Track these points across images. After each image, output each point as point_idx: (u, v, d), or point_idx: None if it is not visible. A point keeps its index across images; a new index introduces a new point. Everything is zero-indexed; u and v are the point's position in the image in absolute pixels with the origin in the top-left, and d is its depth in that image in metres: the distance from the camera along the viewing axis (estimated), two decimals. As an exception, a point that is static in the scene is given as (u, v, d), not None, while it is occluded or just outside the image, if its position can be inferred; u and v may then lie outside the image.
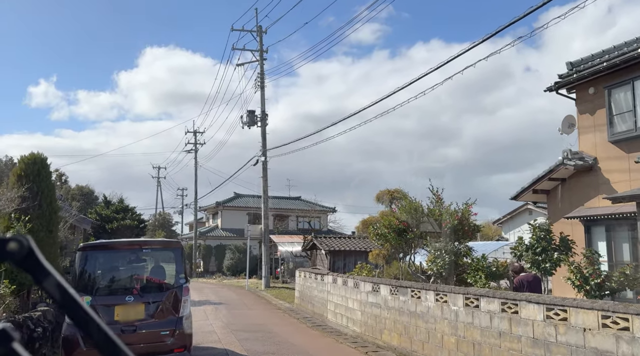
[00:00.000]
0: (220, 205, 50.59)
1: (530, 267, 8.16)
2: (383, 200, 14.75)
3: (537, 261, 7.91)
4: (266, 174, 29.09)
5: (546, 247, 7.94)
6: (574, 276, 7.35)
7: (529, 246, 8.23)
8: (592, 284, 7.18)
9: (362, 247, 22.69)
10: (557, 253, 7.89)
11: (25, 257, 0.63)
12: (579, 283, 7.36)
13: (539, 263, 7.88)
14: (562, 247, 8.10)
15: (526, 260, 8.17)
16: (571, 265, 7.49)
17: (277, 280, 33.07)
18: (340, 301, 13.81)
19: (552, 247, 8.03)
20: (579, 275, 7.35)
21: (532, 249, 8.09)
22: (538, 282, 8.93)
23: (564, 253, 8.02)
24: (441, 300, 9.14)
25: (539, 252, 7.96)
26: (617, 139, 13.93)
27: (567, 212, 15.21)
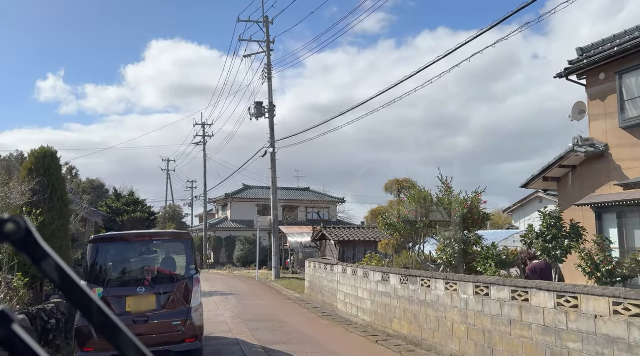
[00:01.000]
0: (230, 197, 50.81)
1: (540, 254, 8.11)
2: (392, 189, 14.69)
3: (547, 248, 7.86)
4: (275, 165, 29.12)
5: (556, 235, 7.88)
6: (585, 263, 7.30)
7: (539, 233, 8.17)
8: (604, 271, 7.12)
9: (371, 237, 22.72)
10: (567, 241, 7.84)
11: (23, 238, 0.62)
12: (590, 270, 7.31)
13: (550, 251, 7.83)
14: (573, 234, 8.03)
15: (537, 247, 8.12)
16: (582, 252, 7.43)
17: (287, 270, 33.23)
18: (350, 291, 13.85)
19: (562, 234, 7.97)
20: (590, 262, 7.29)
21: (543, 237, 8.03)
22: (549, 270, 8.90)
23: (574, 240, 7.96)
24: (451, 289, 9.14)
25: (549, 239, 7.90)
26: (629, 125, 13.76)
27: (578, 199, 15.10)
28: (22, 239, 0.62)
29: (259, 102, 29.07)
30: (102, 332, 0.66)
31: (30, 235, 0.62)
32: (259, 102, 29.07)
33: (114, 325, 0.66)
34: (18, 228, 0.61)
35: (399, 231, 11.91)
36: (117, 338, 0.66)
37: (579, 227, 8.27)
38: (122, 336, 0.66)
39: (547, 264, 8.81)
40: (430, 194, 11.48)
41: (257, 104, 29.02)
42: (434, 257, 14.12)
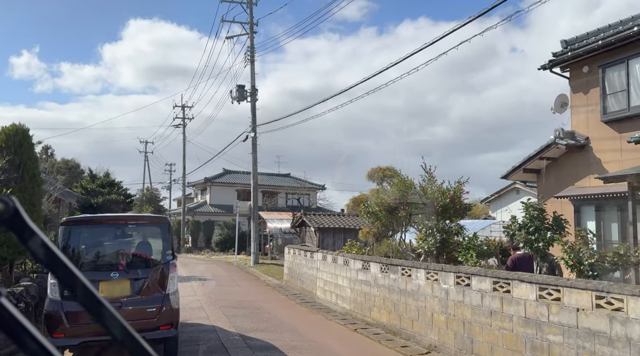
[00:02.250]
0: (209, 181, 50.27)
1: (523, 246, 8.08)
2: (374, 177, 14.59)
3: (530, 240, 7.82)
4: (256, 150, 28.78)
5: (539, 226, 7.85)
6: (568, 256, 7.29)
7: (522, 225, 8.13)
8: (586, 264, 7.11)
9: (351, 224, 22.67)
10: (550, 233, 7.81)
11: (11, 217, 0.63)
12: (572, 263, 7.30)
13: (532, 243, 7.80)
14: (556, 227, 8.02)
15: (519, 239, 8.08)
16: (565, 245, 7.41)
17: (265, 256, 33.07)
18: (329, 278, 13.76)
19: (545, 226, 7.94)
20: (572, 255, 7.28)
21: (525, 228, 7.99)
22: (530, 262, 8.87)
23: (557, 232, 7.94)
24: (432, 279, 9.08)
25: (532, 231, 7.86)
26: (610, 119, 13.86)
27: (557, 192, 15.23)
28: (10, 218, 0.62)
29: (240, 85, 28.59)
30: (87, 310, 0.67)
31: (18, 214, 0.62)
32: (240, 85, 28.59)
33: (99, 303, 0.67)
34: (6, 208, 0.62)
35: (381, 219, 11.81)
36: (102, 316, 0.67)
37: (562, 219, 8.25)
38: (108, 314, 0.68)
39: (529, 256, 8.80)
40: (413, 183, 11.39)
41: (239, 87, 28.55)
42: (415, 246, 14.11)
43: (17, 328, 0.60)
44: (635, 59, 13.26)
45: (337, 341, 9.52)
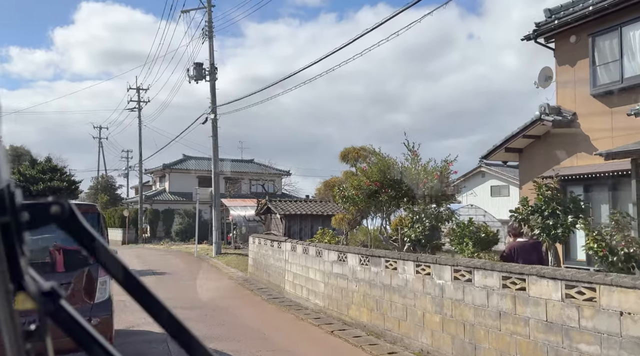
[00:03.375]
0: (168, 168, 47.87)
1: (539, 233, 6.81)
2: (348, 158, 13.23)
3: (547, 226, 6.57)
4: (216, 133, 26.89)
5: (555, 209, 6.60)
6: (598, 245, 6.03)
7: (535, 208, 6.86)
8: (621, 254, 5.91)
9: (321, 210, 21.24)
10: (570, 217, 6.58)
11: (68, 220, 0.64)
12: (603, 253, 6.07)
13: (550, 229, 6.55)
14: (574, 209, 6.80)
15: (534, 225, 6.83)
16: (592, 231, 6.14)
17: (229, 245, 31.37)
18: (300, 271, 12.30)
19: (563, 209, 6.69)
20: (604, 244, 6.05)
21: (540, 212, 6.72)
22: (536, 251, 7.61)
23: (579, 216, 6.71)
24: (423, 272, 7.73)
25: (547, 215, 6.61)
26: (600, 92, 12.81)
27: (541, 172, 14.16)
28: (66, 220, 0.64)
29: (198, 63, 26.53)
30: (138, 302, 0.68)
31: (73, 216, 0.64)
32: (198, 63, 26.53)
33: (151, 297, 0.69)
34: (62, 210, 0.63)
35: (358, 204, 10.42)
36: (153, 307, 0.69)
37: (580, 199, 7.01)
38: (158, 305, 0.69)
39: (535, 243, 7.55)
40: (395, 162, 10.02)
41: (197, 65, 26.48)
42: (389, 233, 12.81)
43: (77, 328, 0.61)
44: (629, 25, 12.20)
45: (312, 349, 8.09)
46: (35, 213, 0.62)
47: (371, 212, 10.97)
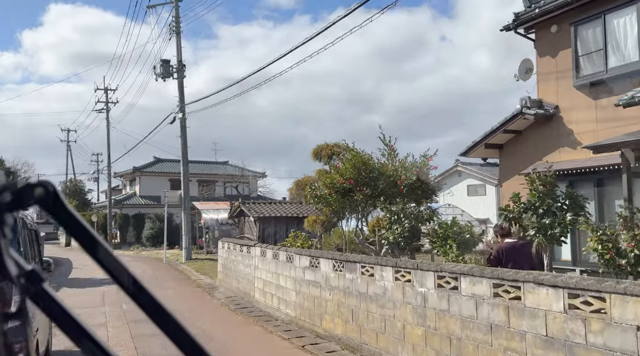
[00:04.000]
0: (138, 171, 46.33)
1: (535, 233, 6.05)
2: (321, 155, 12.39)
3: (543, 226, 5.81)
4: (185, 133, 25.75)
5: (550, 206, 5.85)
6: (603, 246, 5.26)
7: (528, 205, 6.09)
8: (631, 257, 5.16)
9: (295, 212, 20.35)
10: (569, 214, 5.84)
11: (51, 202, 0.63)
12: (609, 255, 5.33)
13: (547, 229, 5.80)
14: (572, 206, 6.06)
15: (529, 224, 6.07)
16: (596, 230, 5.37)
17: (201, 250, 30.22)
18: (270, 278, 11.38)
19: (559, 205, 5.95)
20: (610, 245, 5.31)
21: (533, 209, 5.95)
22: (525, 254, 6.86)
23: (579, 214, 5.97)
24: (403, 279, 6.91)
25: (542, 213, 5.86)
26: (583, 84, 12.23)
27: (522, 168, 13.55)
28: (51, 202, 0.63)
29: (165, 60, 25.37)
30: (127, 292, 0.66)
31: (57, 199, 0.63)
32: (165, 60, 25.37)
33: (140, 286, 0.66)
34: (47, 193, 0.63)
35: (331, 204, 9.56)
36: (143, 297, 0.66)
37: (579, 195, 6.28)
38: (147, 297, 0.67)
39: (525, 244, 6.81)
40: (371, 157, 9.19)
41: (164, 62, 25.32)
42: (366, 235, 12.01)
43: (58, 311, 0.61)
44: (613, 12, 11.64)
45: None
46: (18, 195, 0.62)
47: (346, 213, 10.14)
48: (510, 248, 6.94)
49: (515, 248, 6.92)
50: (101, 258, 0.65)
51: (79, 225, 0.64)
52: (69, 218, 0.64)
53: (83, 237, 0.64)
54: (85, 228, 0.64)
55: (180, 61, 25.57)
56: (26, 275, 0.60)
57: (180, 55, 25.66)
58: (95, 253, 0.64)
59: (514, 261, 6.81)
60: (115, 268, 0.65)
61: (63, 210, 0.63)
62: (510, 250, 6.92)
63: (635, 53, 11.20)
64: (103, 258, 0.65)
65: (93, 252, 0.64)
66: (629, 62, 11.38)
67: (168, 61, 25.53)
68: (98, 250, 0.64)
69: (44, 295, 0.60)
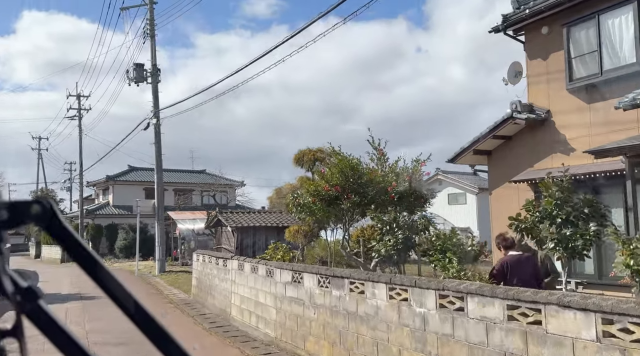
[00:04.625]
0: (112, 180, 44.80)
1: (553, 246, 5.33)
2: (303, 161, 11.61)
3: (564, 237, 5.11)
4: (159, 139, 24.69)
5: (569, 215, 5.16)
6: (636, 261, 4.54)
7: (543, 214, 5.39)
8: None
9: (275, 222, 19.47)
10: (593, 225, 5.15)
11: (49, 220, 0.62)
12: (644, 271, 4.64)
13: (567, 241, 5.10)
14: (593, 214, 5.39)
15: (547, 235, 5.36)
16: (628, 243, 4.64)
17: (176, 262, 29.03)
18: (248, 294, 10.48)
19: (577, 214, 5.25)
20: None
21: (551, 218, 5.25)
22: (532, 268, 6.17)
23: (604, 224, 5.28)
24: (398, 298, 6.12)
25: (561, 222, 5.16)
26: (577, 87, 11.73)
27: (513, 175, 13.01)
28: (48, 220, 0.62)
29: (139, 64, 24.34)
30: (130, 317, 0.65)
31: (55, 217, 0.62)
32: (139, 64, 24.34)
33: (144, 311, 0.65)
34: (44, 210, 0.62)
35: (316, 214, 8.75)
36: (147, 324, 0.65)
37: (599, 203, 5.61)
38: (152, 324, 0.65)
39: (530, 257, 6.13)
40: (360, 162, 8.42)
41: (137, 66, 24.29)
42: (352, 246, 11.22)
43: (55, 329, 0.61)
44: (607, 13, 11.17)
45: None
46: (15, 212, 0.61)
47: (331, 223, 9.35)
48: (515, 261, 6.24)
49: (521, 262, 6.22)
50: (100, 278, 0.63)
51: (76, 243, 0.64)
52: (66, 237, 0.63)
53: (81, 256, 0.64)
54: (83, 247, 0.64)
55: (154, 65, 24.58)
56: (22, 291, 0.60)
57: (155, 59, 24.69)
58: (94, 274, 0.63)
59: (519, 276, 6.13)
60: (116, 290, 0.63)
61: (60, 228, 0.63)
62: (515, 264, 6.22)
63: (632, 54, 10.73)
64: (103, 278, 0.64)
65: (92, 271, 0.63)
66: (624, 64, 10.91)
67: (142, 65, 24.51)
68: (97, 270, 0.64)
69: (41, 312, 0.60)
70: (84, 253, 0.63)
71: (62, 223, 0.62)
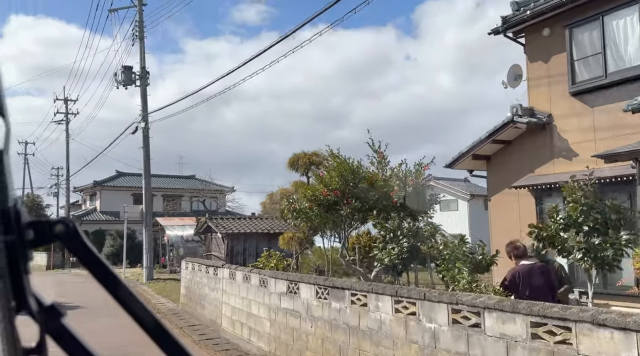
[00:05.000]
0: (99, 185, 44.03)
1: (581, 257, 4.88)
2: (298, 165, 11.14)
3: (592, 247, 4.68)
4: (148, 143, 24.09)
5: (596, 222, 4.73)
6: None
7: (568, 221, 4.95)
8: None
9: (266, 228, 18.94)
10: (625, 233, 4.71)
11: (71, 239, 0.63)
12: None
13: (597, 250, 4.67)
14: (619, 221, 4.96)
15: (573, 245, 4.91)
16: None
17: (164, 269, 28.33)
18: (240, 304, 9.95)
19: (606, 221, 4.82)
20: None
21: (577, 226, 4.82)
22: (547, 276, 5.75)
23: (636, 233, 4.86)
24: (405, 311, 5.65)
25: (589, 230, 4.73)
26: (579, 90, 11.38)
27: (512, 181, 12.62)
28: (70, 239, 0.63)
29: (127, 66, 23.76)
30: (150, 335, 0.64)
31: (77, 236, 0.63)
32: (127, 66, 23.76)
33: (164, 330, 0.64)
34: (67, 230, 0.62)
35: (312, 220, 8.26)
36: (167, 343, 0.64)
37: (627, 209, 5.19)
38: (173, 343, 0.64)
39: (543, 267, 5.71)
40: (361, 165, 7.95)
41: (126, 69, 23.70)
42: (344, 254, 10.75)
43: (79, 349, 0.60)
44: (612, 13, 10.85)
45: None
46: (40, 231, 0.62)
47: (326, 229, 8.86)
48: (527, 272, 5.81)
49: (534, 272, 5.80)
50: (122, 297, 0.63)
51: (98, 262, 0.64)
52: (88, 255, 0.64)
53: (102, 274, 0.64)
54: (105, 265, 0.64)
55: (143, 67, 24.02)
56: (46, 310, 0.60)
57: (144, 61, 24.12)
58: (115, 292, 0.63)
59: (533, 288, 5.71)
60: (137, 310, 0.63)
61: (83, 247, 0.63)
62: (528, 274, 5.79)
63: (638, 56, 10.41)
64: (124, 297, 0.63)
65: (113, 290, 0.63)
66: (630, 66, 10.59)
67: (130, 67, 23.94)
68: (119, 288, 0.63)
69: (64, 330, 0.60)
70: (106, 272, 0.63)
71: (84, 242, 0.63)
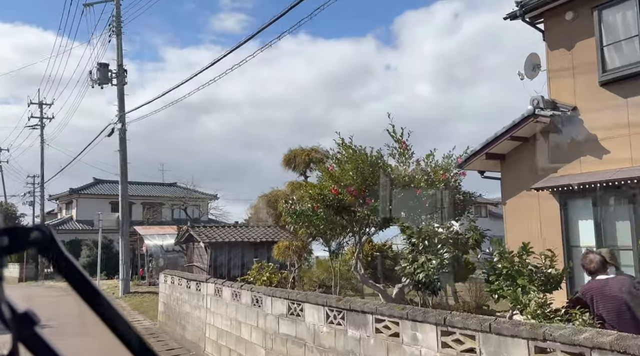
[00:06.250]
0: (76, 193, 41.96)
1: None
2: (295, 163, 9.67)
3: None
4: (124, 146, 22.36)
5: None
6: None
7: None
8: None
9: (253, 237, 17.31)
10: None
11: (48, 246, 0.62)
12: None
13: None
14: None
15: None
16: None
17: (143, 281, 26.48)
18: (227, 326, 8.35)
19: None
20: None
21: None
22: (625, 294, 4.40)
23: None
24: (459, 348, 4.16)
25: None
26: (611, 79, 10.10)
27: (530, 183, 11.26)
28: (47, 247, 0.62)
29: (103, 63, 22.06)
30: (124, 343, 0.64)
31: (54, 243, 0.62)
32: (103, 63, 22.06)
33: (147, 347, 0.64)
34: (44, 237, 0.62)
35: (317, 225, 6.72)
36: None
37: None
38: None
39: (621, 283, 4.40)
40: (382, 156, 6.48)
41: (101, 66, 22.00)
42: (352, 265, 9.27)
43: None
44: (649, -9, 9.69)
45: None
46: (15, 238, 0.61)
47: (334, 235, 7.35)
48: (599, 289, 4.46)
49: (612, 291, 4.43)
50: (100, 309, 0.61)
51: (76, 271, 0.61)
52: (65, 264, 0.62)
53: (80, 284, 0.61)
54: (83, 275, 0.62)
55: (120, 65, 22.33)
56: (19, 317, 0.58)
57: (121, 58, 22.45)
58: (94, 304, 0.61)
59: (611, 310, 4.36)
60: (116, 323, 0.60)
61: (60, 255, 0.61)
62: (600, 293, 4.45)
63: (681, 39, 9.20)
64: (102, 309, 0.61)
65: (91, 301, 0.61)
66: (672, 49, 9.38)
67: (107, 65, 22.24)
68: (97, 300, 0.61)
69: (37, 339, 0.59)
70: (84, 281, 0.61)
71: (61, 250, 0.61)
